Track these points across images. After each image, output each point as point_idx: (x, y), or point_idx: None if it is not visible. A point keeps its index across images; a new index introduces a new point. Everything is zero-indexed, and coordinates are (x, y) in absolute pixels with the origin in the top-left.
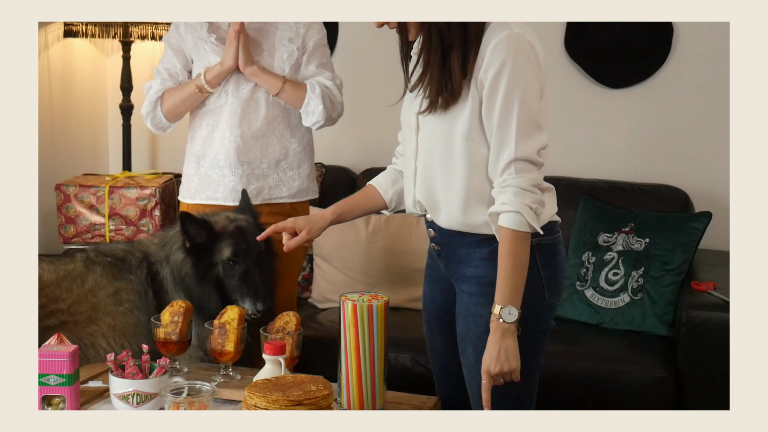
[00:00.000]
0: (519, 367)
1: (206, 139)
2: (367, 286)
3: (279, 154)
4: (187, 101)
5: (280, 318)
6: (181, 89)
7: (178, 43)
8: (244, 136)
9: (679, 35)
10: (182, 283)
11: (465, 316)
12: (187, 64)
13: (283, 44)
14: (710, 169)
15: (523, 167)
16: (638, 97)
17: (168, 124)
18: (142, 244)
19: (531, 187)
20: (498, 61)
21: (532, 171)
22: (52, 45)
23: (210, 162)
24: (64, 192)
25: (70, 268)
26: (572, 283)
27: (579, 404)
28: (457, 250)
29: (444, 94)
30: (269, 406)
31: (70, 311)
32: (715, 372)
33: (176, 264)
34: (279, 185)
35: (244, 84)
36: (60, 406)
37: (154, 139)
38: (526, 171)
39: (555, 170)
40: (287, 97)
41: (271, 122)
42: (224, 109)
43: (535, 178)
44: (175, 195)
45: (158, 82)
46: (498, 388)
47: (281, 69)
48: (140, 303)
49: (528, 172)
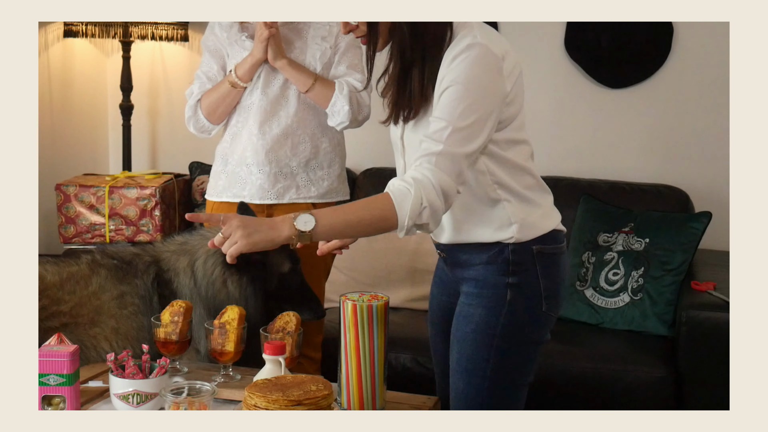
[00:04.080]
0: (244, 248)
1: (235, 137)
2: (367, 286)
3: (309, 153)
4: (224, 100)
5: (280, 318)
6: (216, 89)
7: (215, 45)
8: (273, 133)
9: (679, 35)
10: (213, 297)
11: (458, 316)
12: (225, 66)
13: (316, 42)
14: (710, 169)
15: (443, 165)
16: (638, 97)
17: (210, 126)
18: (154, 248)
19: (438, 187)
20: (453, 72)
21: (450, 175)
22: (52, 45)
23: (237, 159)
24: (64, 192)
25: (74, 270)
26: (572, 283)
27: (579, 404)
28: (460, 256)
29: (403, 111)
30: (269, 406)
31: (72, 313)
32: (715, 372)
33: (209, 277)
34: (308, 185)
35: (274, 81)
36: (60, 406)
37: (154, 139)
38: (444, 170)
39: (555, 170)
40: (315, 94)
41: (302, 120)
42: (253, 106)
43: (447, 184)
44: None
45: (197, 85)
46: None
47: (313, 67)
48: (145, 307)
49: (445, 173)
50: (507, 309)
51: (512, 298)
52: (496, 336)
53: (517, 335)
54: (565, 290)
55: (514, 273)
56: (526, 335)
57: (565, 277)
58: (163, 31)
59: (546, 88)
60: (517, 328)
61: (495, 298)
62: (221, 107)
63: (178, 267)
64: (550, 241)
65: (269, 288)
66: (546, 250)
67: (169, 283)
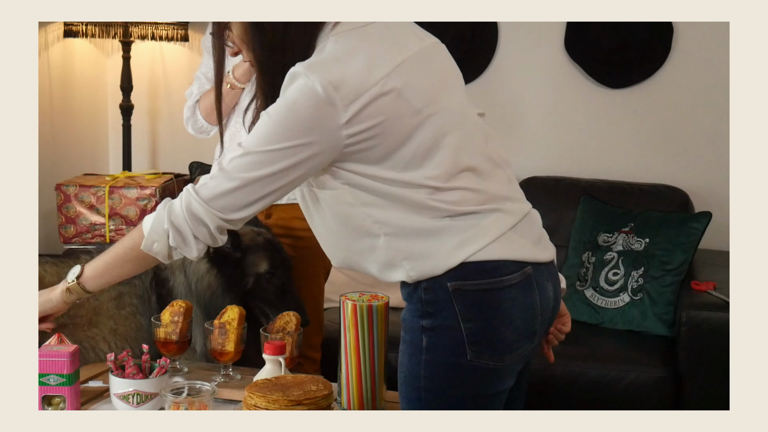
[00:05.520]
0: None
1: (233, 137)
2: (367, 286)
3: None
4: (222, 101)
5: (281, 318)
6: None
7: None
8: None
9: (679, 35)
10: (202, 293)
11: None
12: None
13: None
14: (710, 169)
15: (207, 188)
16: (638, 97)
17: (209, 126)
18: None
19: (185, 210)
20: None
21: (210, 198)
22: (52, 45)
23: None
24: (64, 192)
25: None
26: (572, 283)
27: (579, 404)
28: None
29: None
30: (269, 406)
31: (70, 314)
32: (715, 372)
33: (198, 273)
34: None
35: None
36: (60, 406)
37: (154, 139)
38: (202, 194)
39: (555, 170)
40: None
41: None
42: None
43: (196, 208)
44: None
45: (197, 86)
46: None
47: None
48: (143, 307)
49: (200, 197)
50: (425, 357)
51: (428, 345)
52: (421, 389)
53: (443, 388)
54: (514, 333)
55: (429, 315)
56: (455, 389)
57: (512, 317)
58: (163, 31)
59: (546, 88)
60: (440, 381)
61: (413, 345)
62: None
63: (174, 265)
64: (472, 275)
65: (245, 286)
66: (466, 286)
67: (165, 282)
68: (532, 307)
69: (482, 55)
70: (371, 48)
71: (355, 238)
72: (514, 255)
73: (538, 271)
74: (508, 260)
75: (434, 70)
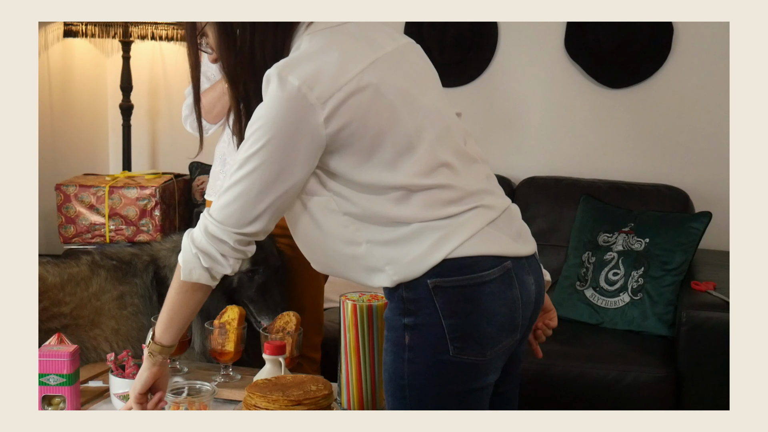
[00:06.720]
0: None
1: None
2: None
3: None
4: (220, 100)
5: (281, 318)
6: (213, 89)
7: None
8: None
9: (679, 35)
10: None
11: None
12: None
13: None
14: (710, 169)
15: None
16: (638, 97)
17: (207, 125)
18: (152, 247)
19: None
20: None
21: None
22: (52, 45)
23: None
24: (64, 192)
25: (75, 272)
26: (572, 283)
27: (579, 404)
28: None
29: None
30: (269, 406)
31: (73, 315)
32: (715, 372)
33: None
34: None
35: None
36: (60, 406)
37: (154, 139)
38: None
39: (555, 170)
40: None
41: None
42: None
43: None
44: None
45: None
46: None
47: None
48: (144, 307)
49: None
50: (408, 355)
51: (411, 343)
52: (405, 387)
53: (427, 385)
54: (495, 327)
55: (410, 313)
56: (439, 385)
57: (492, 312)
58: (163, 31)
59: (546, 88)
60: (424, 377)
61: (397, 343)
62: (218, 107)
63: (173, 264)
64: (451, 272)
65: (231, 284)
66: (445, 283)
67: (165, 281)
68: (512, 302)
69: (482, 55)
70: (345, 45)
71: (338, 245)
72: (493, 250)
73: (518, 265)
74: (486, 255)
75: (409, 69)
